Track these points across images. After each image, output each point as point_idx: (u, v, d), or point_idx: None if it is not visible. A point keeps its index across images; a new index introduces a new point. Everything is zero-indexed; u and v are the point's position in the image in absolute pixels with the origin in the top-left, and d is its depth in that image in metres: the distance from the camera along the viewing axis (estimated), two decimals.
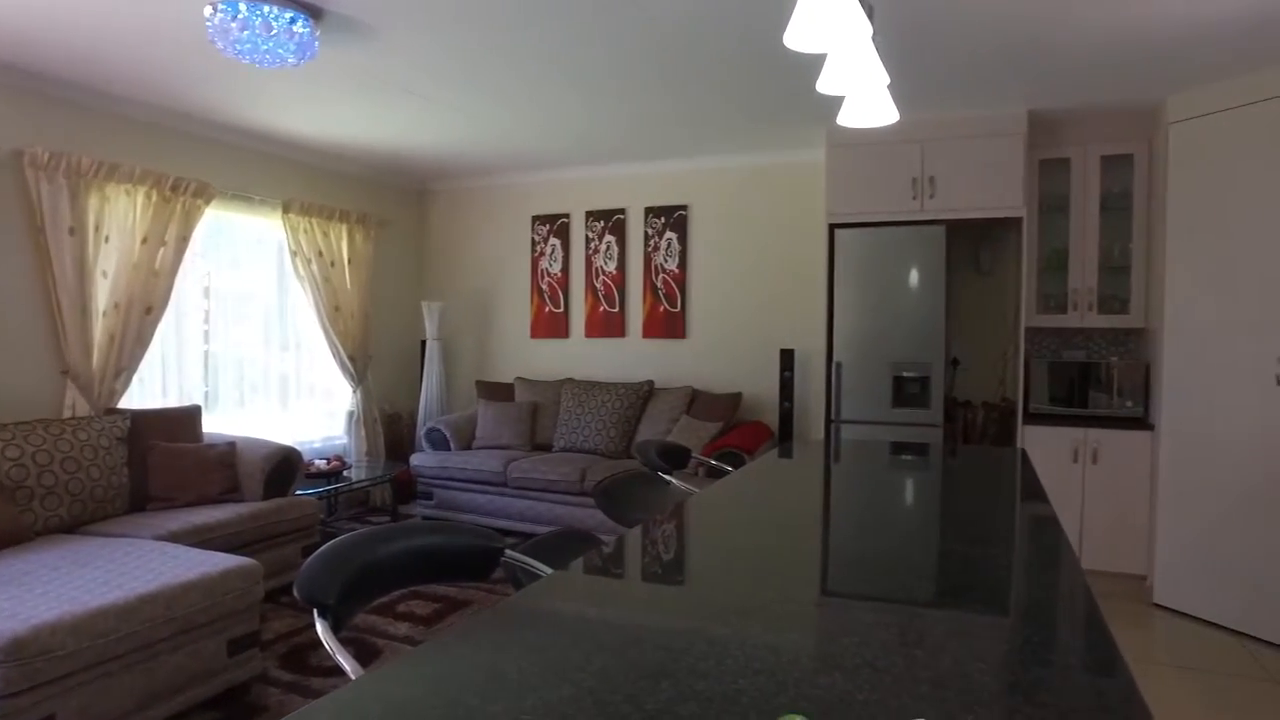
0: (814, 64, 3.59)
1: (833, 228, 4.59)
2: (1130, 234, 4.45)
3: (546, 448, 5.71)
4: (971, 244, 4.93)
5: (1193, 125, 3.94)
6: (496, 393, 6.02)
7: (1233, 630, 3.75)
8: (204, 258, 4.92)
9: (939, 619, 1.27)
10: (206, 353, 4.97)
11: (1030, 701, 0.98)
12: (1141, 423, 4.23)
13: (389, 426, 6.35)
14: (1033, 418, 4.36)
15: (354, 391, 5.88)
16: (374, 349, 6.14)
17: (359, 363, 5.87)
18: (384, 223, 6.26)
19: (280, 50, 3.08)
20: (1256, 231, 3.66)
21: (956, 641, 1.17)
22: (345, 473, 5.31)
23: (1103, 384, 4.35)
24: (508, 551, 1.63)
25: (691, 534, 1.85)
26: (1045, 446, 4.29)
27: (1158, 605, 4.05)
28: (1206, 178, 3.87)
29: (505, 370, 6.45)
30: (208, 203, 4.68)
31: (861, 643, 1.16)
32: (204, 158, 4.83)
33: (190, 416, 4.30)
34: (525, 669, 1.06)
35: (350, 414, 5.93)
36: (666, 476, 2.73)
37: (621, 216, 5.99)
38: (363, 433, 5.96)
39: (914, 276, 4.37)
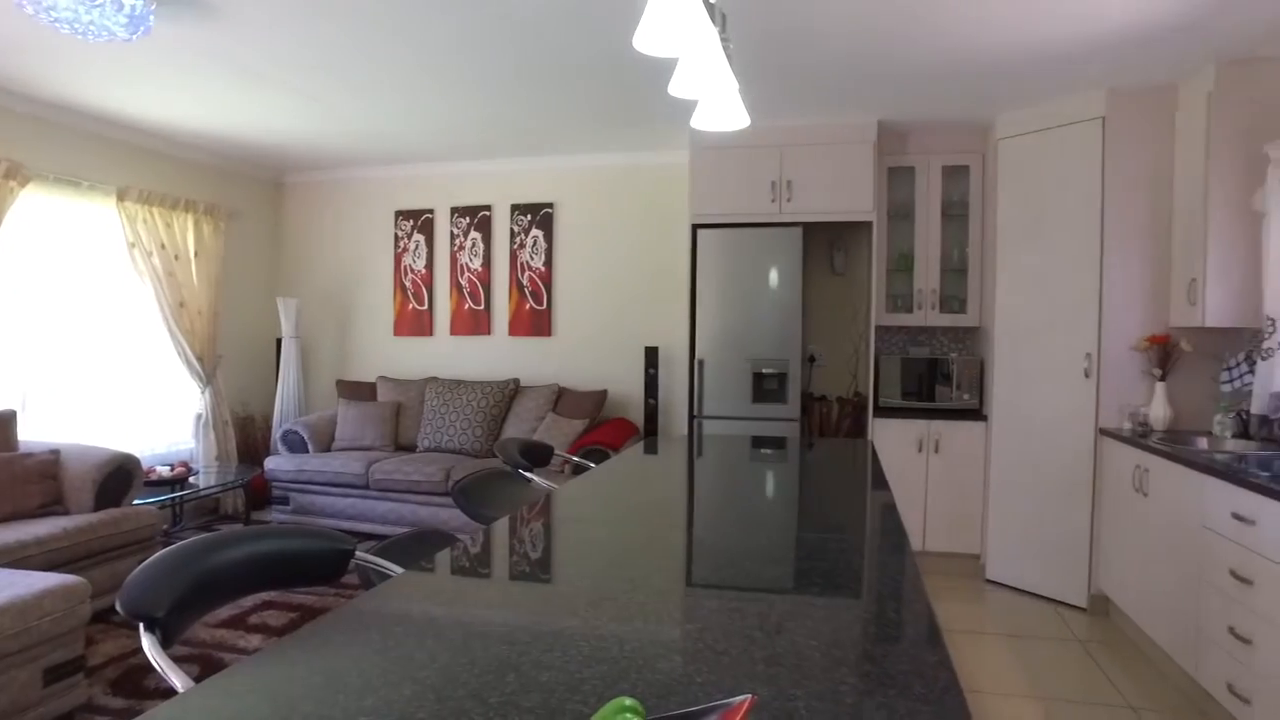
0: (670, 67, 3.67)
1: (695, 228, 4.70)
2: (968, 239, 4.80)
3: (410, 448, 5.57)
4: (827, 245, 5.17)
5: (1017, 142, 4.29)
6: (358, 392, 5.81)
7: (1048, 598, 4.12)
8: (21, 247, 4.48)
9: (781, 602, 1.34)
10: (23, 353, 4.53)
11: (855, 673, 1.05)
12: (977, 414, 4.57)
13: (241, 429, 6.01)
14: (883, 411, 4.63)
15: (202, 393, 5.53)
16: (224, 347, 5.79)
17: (207, 362, 5.52)
18: (235, 214, 5.92)
19: (107, 23, 2.85)
20: (1067, 241, 4.03)
21: (795, 623, 1.23)
22: (191, 479, 4.98)
23: (946, 379, 4.67)
24: (358, 553, 1.58)
25: (548, 529, 1.85)
26: (894, 438, 4.56)
27: (990, 581, 4.40)
28: (1027, 191, 4.22)
29: (367, 369, 6.23)
30: (22, 185, 4.27)
31: (704, 628, 1.20)
32: (17, 135, 4.39)
33: (2, 422, 3.92)
34: (366, 670, 1.04)
35: (198, 417, 5.57)
36: (528, 474, 2.72)
37: (487, 213, 5.91)
38: (212, 436, 5.61)
39: (773, 276, 4.54)
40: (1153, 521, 3.34)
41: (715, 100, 2.13)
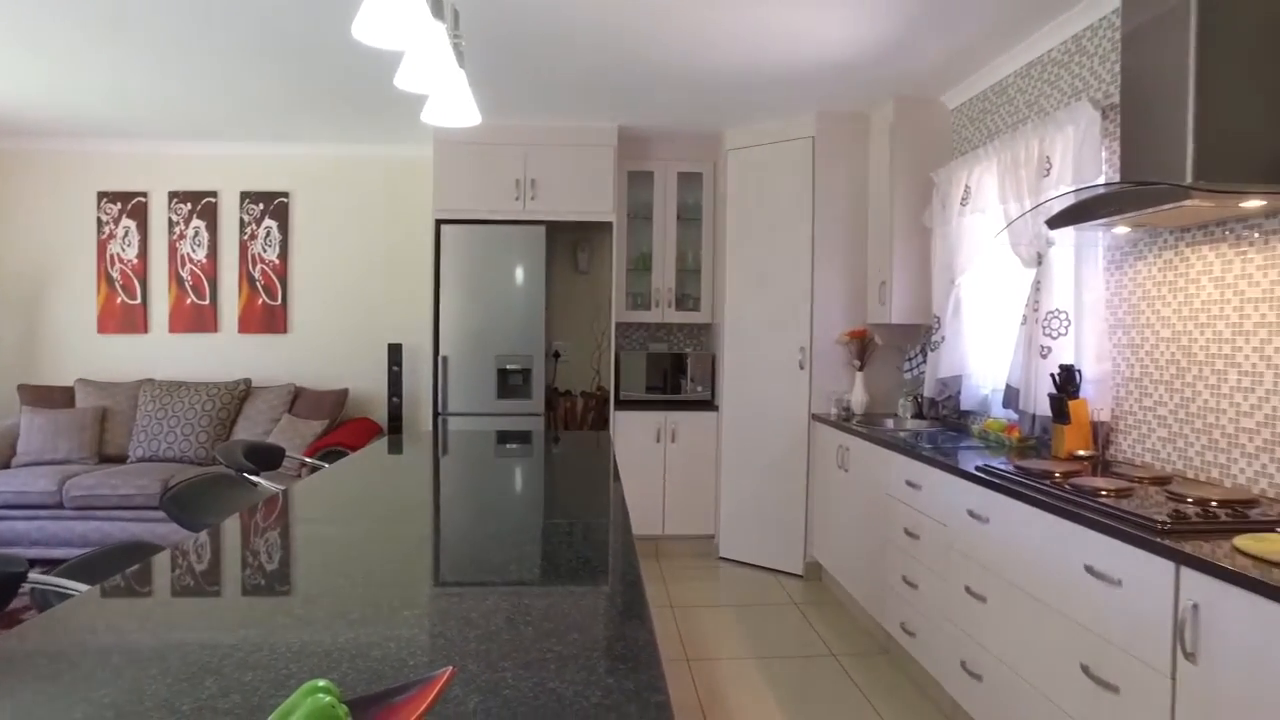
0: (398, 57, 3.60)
1: (439, 223, 4.64)
2: (701, 242, 5.17)
3: (120, 459, 4.97)
4: (571, 244, 5.33)
5: (744, 154, 4.70)
6: (49, 398, 5.08)
7: (772, 569, 4.57)
8: None
9: (504, 587, 1.39)
10: None
11: (561, 642, 1.12)
12: (709, 404, 4.94)
13: None
14: (624, 404, 4.86)
15: None
16: None
17: None
18: None
19: None
20: (785, 246, 4.48)
21: (509, 603, 1.29)
22: None
23: (683, 373, 4.99)
24: (32, 574, 1.42)
25: (271, 530, 1.77)
26: (635, 429, 4.81)
27: (722, 558, 4.78)
28: (752, 199, 4.64)
29: (62, 371, 5.46)
30: None
31: (423, 615, 1.23)
32: None
33: None
34: (30, 700, 0.95)
35: None
36: (255, 478, 2.56)
37: (213, 200, 5.41)
38: None
39: (518, 273, 4.60)
40: (852, 493, 3.82)
41: (445, 96, 2.14)
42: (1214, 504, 1.99)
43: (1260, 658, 1.52)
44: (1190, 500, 2.05)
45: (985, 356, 3.65)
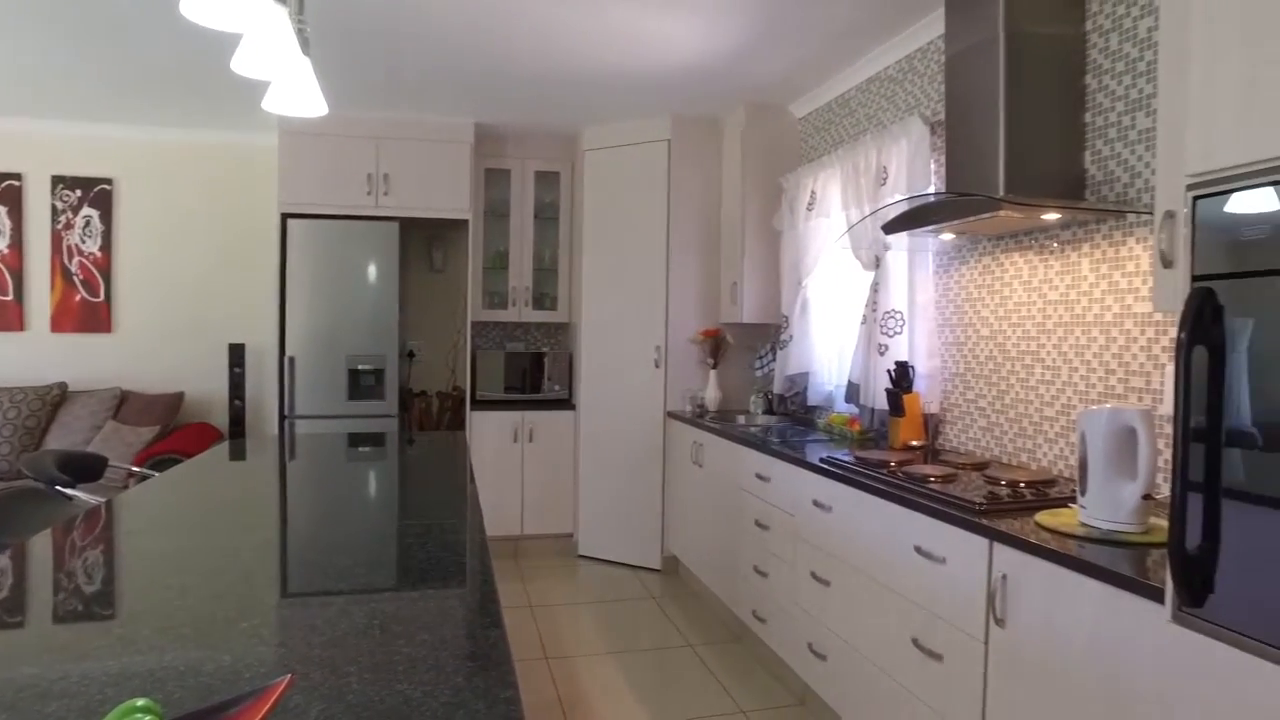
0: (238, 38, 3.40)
1: (285, 217, 4.41)
2: (558, 241, 5.17)
3: None
4: (426, 242, 5.20)
5: (601, 154, 4.73)
6: None
7: (630, 565, 4.63)
8: None
9: (352, 592, 1.35)
10: None
11: (411, 642, 1.10)
12: (567, 404, 4.96)
13: None
14: (481, 404, 4.79)
15: None
16: None
17: None
18: None
19: None
20: (641, 246, 4.56)
21: (358, 609, 1.25)
22: None
23: (541, 372, 4.97)
24: None
25: (88, 546, 1.63)
26: (492, 429, 4.75)
27: (582, 556, 4.80)
28: (609, 199, 4.69)
29: None
30: None
31: (262, 624, 1.17)
32: None
33: None
34: None
35: None
36: (70, 491, 2.34)
37: (16, 183, 4.90)
38: None
39: (370, 271, 4.44)
40: (706, 488, 3.93)
41: (288, 83, 2.04)
42: (1022, 485, 2.20)
43: (1053, 616, 1.70)
44: (1003, 483, 2.25)
45: (830, 354, 3.86)
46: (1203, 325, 1.31)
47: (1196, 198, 1.37)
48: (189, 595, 1.30)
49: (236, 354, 4.64)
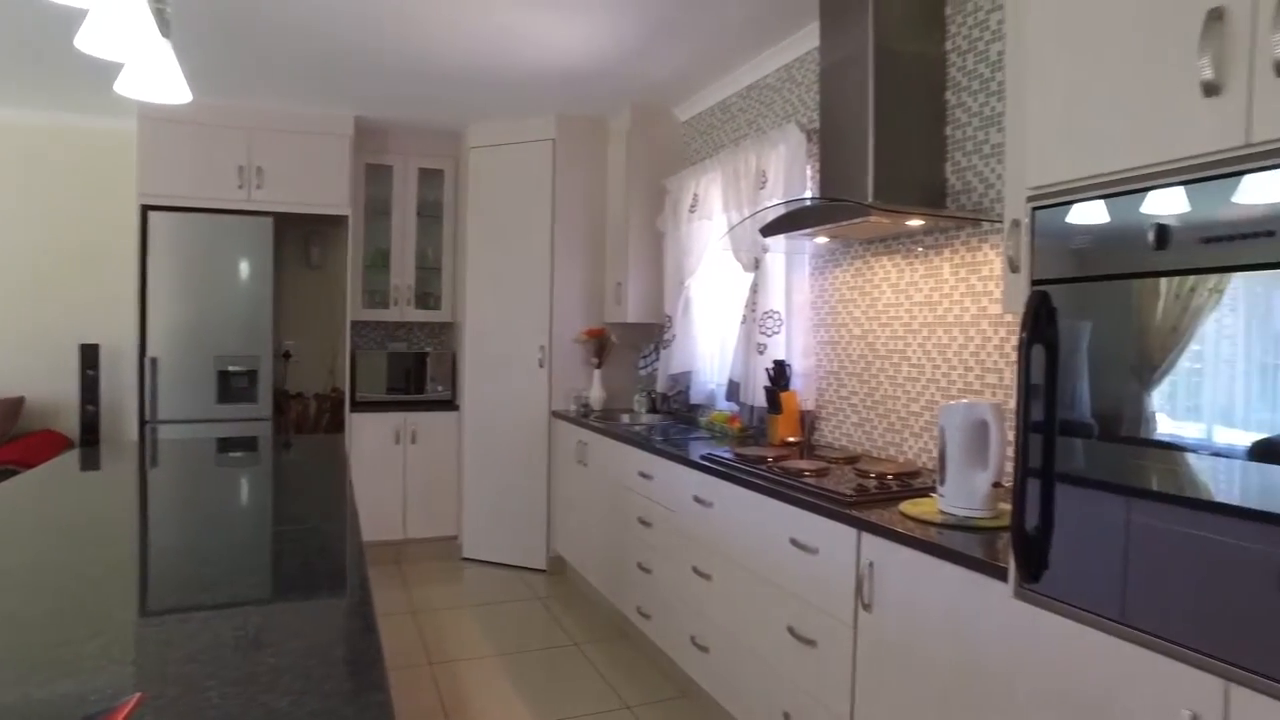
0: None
1: (146, 209, 4.14)
2: (442, 240, 5.07)
3: None
4: (303, 238, 4.99)
5: (486, 152, 4.68)
6: None
7: (516, 566, 4.60)
8: None
9: (212, 607, 1.29)
10: None
11: (278, 652, 1.07)
12: (451, 404, 4.87)
13: None
14: (361, 405, 4.65)
15: None
16: None
17: None
18: None
19: None
20: (526, 245, 4.54)
21: (222, 621, 1.20)
22: None
23: (424, 372, 4.87)
24: None
25: None
26: (373, 431, 4.62)
27: (466, 558, 4.73)
28: (494, 198, 4.64)
29: None
30: None
31: (111, 642, 1.11)
32: None
33: None
34: None
35: None
36: None
37: None
38: None
39: (242, 268, 4.23)
40: (591, 487, 3.95)
41: (145, 66, 1.92)
42: (889, 477, 2.32)
43: (914, 599, 1.81)
44: (872, 475, 2.37)
45: (712, 353, 3.95)
46: (1040, 326, 1.43)
47: (1035, 209, 1.48)
48: (25, 620, 1.21)
49: (89, 355, 4.32)
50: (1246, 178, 1.14)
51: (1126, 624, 1.28)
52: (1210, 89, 1.16)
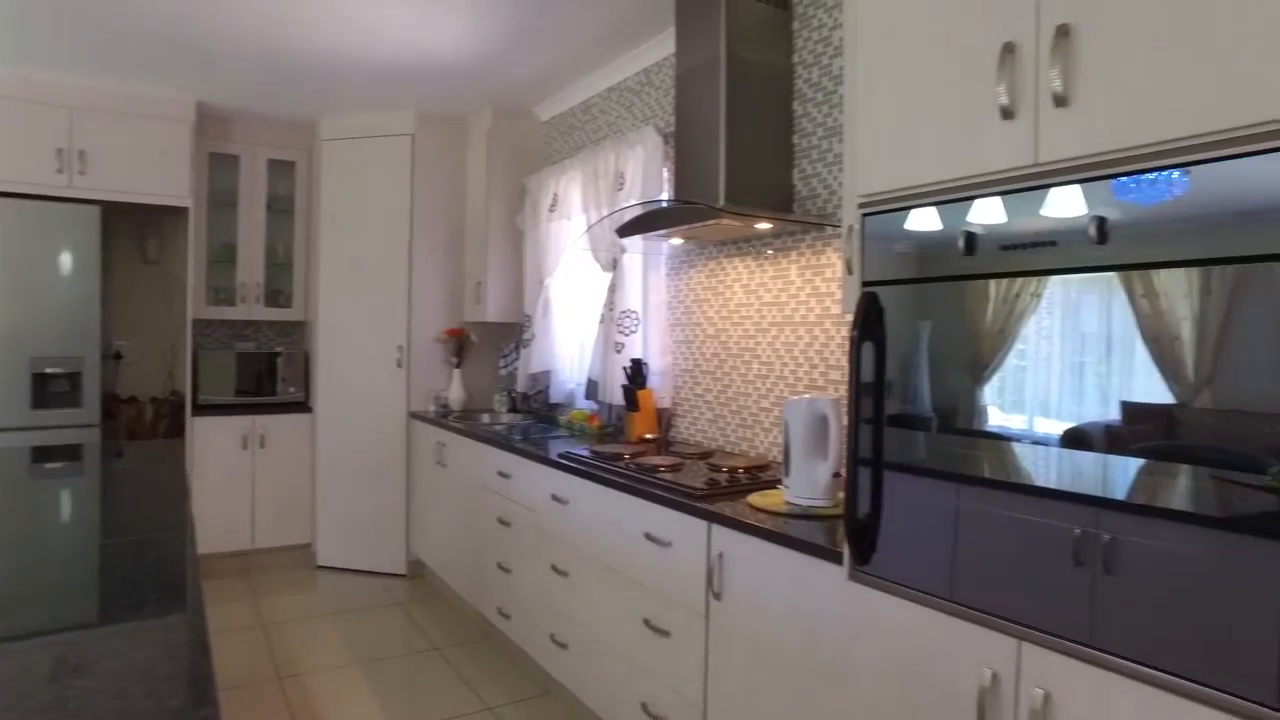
0: None
1: None
2: (294, 235, 4.84)
3: None
4: (137, 230, 4.64)
5: (340, 145, 4.50)
6: None
7: (374, 573, 4.46)
8: None
9: (14, 637, 1.19)
10: None
11: (91, 674, 1.00)
12: (303, 406, 4.67)
13: None
14: (204, 409, 4.37)
15: None
16: None
17: None
18: None
19: None
20: (383, 243, 4.40)
21: (25, 647, 1.11)
22: None
23: (275, 373, 4.63)
24: None
25: None
26: (218, 436, 4.35)
27: (321, 566, 4.54)
28: (349, 193, 4.47)
29: None
30: None
31: None
32: None
33: None
34: None
35: None
36: None
37: None
38: None
39: (63, 261, 3.88)
40: (450, 489, 3.88)
41: None
42: (740, 471, 2.42)
43: (760, 586, 1.90)
44: (724, 469, 2.46)
45: (571, 352, 3.97)
46: (869, 324, 1.54)
47: (865, 215, 1.59)
48: None
49: None
50: (1043, 192, 1.26)
51: (942, 597, 1.40)
52: (1006, 113, 1.29)
